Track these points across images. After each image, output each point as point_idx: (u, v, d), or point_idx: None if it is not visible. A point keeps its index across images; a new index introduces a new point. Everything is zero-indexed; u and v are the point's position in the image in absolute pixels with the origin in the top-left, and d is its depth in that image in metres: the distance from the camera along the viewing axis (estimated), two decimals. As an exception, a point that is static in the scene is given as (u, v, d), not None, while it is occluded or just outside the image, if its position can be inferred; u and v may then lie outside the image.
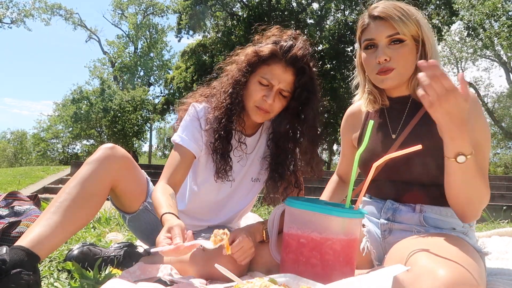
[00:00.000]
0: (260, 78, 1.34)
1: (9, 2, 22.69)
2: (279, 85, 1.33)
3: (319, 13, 18.93)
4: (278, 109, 1.37)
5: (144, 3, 27.27)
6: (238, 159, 1.47)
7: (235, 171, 1.48)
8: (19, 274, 1.00)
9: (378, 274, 0.88)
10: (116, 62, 26.86)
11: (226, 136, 1.38)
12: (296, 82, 1.34)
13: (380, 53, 1.20)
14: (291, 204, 1.10)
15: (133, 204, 1.43)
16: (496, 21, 14.10)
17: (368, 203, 1.40)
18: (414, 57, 1.21)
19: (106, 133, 20.25)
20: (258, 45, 1.39)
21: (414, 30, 1.19)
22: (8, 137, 28.30)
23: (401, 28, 1.18)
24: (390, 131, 1.32)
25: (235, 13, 19.30)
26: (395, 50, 1.20)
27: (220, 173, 1.41)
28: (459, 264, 0.93)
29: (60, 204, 1.19)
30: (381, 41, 1.21)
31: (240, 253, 1.20)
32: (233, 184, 1.49)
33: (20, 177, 8.86)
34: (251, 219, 2.69)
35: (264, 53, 1.33)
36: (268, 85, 1.33)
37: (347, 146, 1.54)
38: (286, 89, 1.34)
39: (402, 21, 1.18)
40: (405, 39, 1.19)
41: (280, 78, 1.32)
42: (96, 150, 1.33)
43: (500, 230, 2.30)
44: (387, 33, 1.20)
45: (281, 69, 1.33)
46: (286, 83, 1.33)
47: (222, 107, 1.38)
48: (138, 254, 1.45)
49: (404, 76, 1.23)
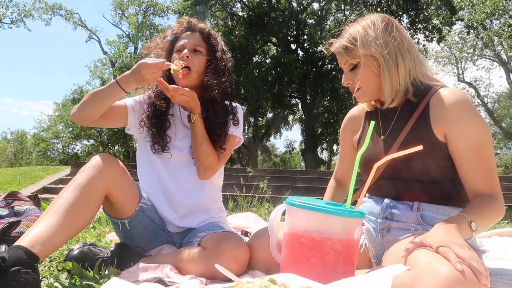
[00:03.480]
0: (175, 49, 1.57)
1: (9, 2, 22.69)
2: (190, 42, 1.54)
3: (319, 13, 18.94)
4: (197, 64, 1.53)
5: (145, 4, 27.27)
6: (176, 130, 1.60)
7: (176, 143, 1.59)
8: (19, 272, 1.00)
9: (378, 274, 0.88)
10: (116, 62, 26.88)
11: (160, 113, 1.56)
12: (205, 38, 1.57)
13: (343, 78, 1.36)
14: (291, 204, 1.10)
15: (128, 208, 1.45)
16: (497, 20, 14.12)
17: (367, 202, 1.40)
18: (374, 72, 1.29)
19: (106, 133, 20.26)
20: (164, 35, 1.64)
21: (361, 53, 1.27)
22: (8, 137, 28.32)
23: (345, 57, 1.31)
24: (381, 132, 1.36)
25: (235, 13, 19.31)
26: (354, 74, 1.32)
27: (156, 145, 1.55)
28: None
29: (57, 208, 1.21)
30: (343, 68, 1.36)
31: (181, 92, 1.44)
32: (173, 155, 1.57)
33: (20, 177, 8.87)
34: (251, 219, 2.70)
35: (174, 31, 1.59)
36: (182, 48, 1.55)
37: (347, 148, 1.55)
38: (197, 44, 1.55)
39: (346, 52, 1.30)
40: (356, 62, 1.30)
41: (188, 38, 1.56)
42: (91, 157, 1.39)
43: (500, 230, 2.30)
44: (342, 62, 1.35)
45: (188, 34, 1.57)
46: (195, 39, 1.56)
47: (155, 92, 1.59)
48: (138, 254, 1.45)
49: (373, 91, 1.32)
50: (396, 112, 1.34)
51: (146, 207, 1.50)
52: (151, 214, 1.53)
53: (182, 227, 1.58)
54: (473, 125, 1.18)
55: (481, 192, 1.17)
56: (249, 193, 4.32)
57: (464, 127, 1.18)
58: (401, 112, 1.32)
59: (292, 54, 17.74)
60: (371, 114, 1.44)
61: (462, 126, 1.19)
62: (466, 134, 1.18)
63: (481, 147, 1.17)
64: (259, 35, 18.29)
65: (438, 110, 1.23)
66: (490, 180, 1.17)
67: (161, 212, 1.57)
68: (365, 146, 1.15)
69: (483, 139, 1.18)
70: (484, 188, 1.17)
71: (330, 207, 1.06)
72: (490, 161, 1.19)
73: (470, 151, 1.18)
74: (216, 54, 1.57)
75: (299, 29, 18.93)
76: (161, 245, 1.55)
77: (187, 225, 1.58)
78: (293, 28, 19.03)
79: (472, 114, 1.20)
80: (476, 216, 1.08)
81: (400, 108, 1.33)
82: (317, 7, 19.27)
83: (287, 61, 16.73)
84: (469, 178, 1.19)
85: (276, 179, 8.07)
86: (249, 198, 4.10)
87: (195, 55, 1.53)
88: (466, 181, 1.20)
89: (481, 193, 1.17)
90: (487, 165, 1.18)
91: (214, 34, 1.61)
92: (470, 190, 1.19)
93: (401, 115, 1.32)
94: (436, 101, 1.24)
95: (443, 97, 1.23)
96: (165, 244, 1.56)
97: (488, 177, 1.17)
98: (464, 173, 1.20)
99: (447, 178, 1.24)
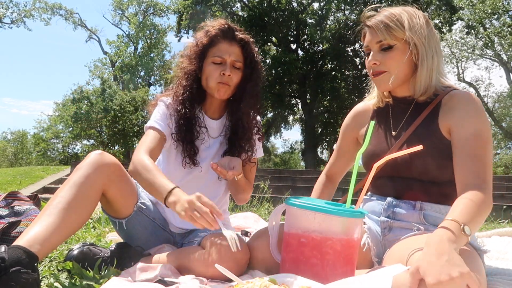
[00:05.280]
0: (212, 59, 1.49)
1: (9, 2, 22.68)
2: (231, 57, 1.49)
3: (319, 13, 18.92)
4: (236, 80, 1.51)
5: (145, 3, 27.25)
6: (202, 142, 1.57)
7: (202, 156, 1.56)
8: (19, 272, 1.00)
9: (378, 274, 0.88)
10: (117, 62, 26.86)
11: (187, 125, 1.51)
12: (244, 52, 1.52)
13: (371, 57, 1.30)
14: (292, 204, 1.10)
15: (126, 207, 1.44)
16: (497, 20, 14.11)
17: (369, 200, 1.40)
18: (407, 59, 1.26)
19: (106, 133, 20.24)
20: (197, 36, 1.55)
21: (402, 35, 1.24)
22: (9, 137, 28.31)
23: (385, 36, 1.25)
24: (392, 128, 1.35)
25: (235, 13, 19.30)
26: (385, 55, 1.27)
27: (186, 158, 1.52)
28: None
29: (54, 207, 1.20)
30: (373, 47, 1.30)
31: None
32: (203, 169, 1.55)
33: (20, 177, 8.87)
34: (251, 219, 2.69)
35: (211, 34, 1.50)
36: (221, 61, 1.49)
37: (347, 144, 1.54)
38: (237, 60, 1.50)
39: (387, 29, 1.25)
40: (393, 44, 1.26)
41: (229, 51, 1.49)
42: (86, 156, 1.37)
43: (500, 230, 2.31)
44: (376, 39, 1.28)
45: (227, 44, 1.50)
46: (235, 54, 1.50)
47: (180, 99, 1.52)
48: (138, 253, 1.45)
49: (398, 78, 1.28)
50: (409, 109, 1.34)
51: (145, 207, 1.49)
52: (150, 213, 1.52)
53: (186, 228, 1.58)
54: (476, 117, 1.20)
55: (471, 183, 1.12)
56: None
57: (467, 117, 1.20)
58: (414, 108, 1.33)
59: (292, 54, 17.73)
60: (380, 111, 1.43)
61: (466, 116, 1.20)
62: (468, 123, 1.19)
63: (480, 138, 1.17)
64: (259, 35, 18.27)
65: (447, 108, 1.25)
66: (483, 171, 1.14)
67: (168, 213, 1.57)
68: (365, 146, 1.16)
69: (483, 130, 1.18)
70: (474, 179, 1.13)
71: (330, 207, 1.06)
72: (487, 154, 1.17)
73: (469, 139, 1.17)
74: (253, 68, 1.54)
75: (299, 29, 18.91)
76: (161, 244, 1.54)
77: (191, 227, 1.57)
78: (293, 28, 19.02)
79: (477, 109, 1.21)
80: (467, 217, 1.02)
81: (413, 105, 1.33)
82: (317, 7, 19.25)
83: (287, 61, 16.72)
84: (463, 166, 1.16)
85: (276, 179, 8.06)
86: (249, 198, 4.10)
87: (233, 72, 1.50)
88: (458, 170, 1.17)
89: (470, 184, 1.12)
90: (483, 157, 1.15)
91: (252, 45, 1.56)
92: (460, 182, 1.15)
93: (413, 111, 1.33)
94: (447, 100, 1.27)
95: (454, 96, 1.26)
96: (166, 243, 1.56)
97: (482, 167, 1.14)
98: (458, 161, 1.18)
99: (447, 178, 1.24)
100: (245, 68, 1.53)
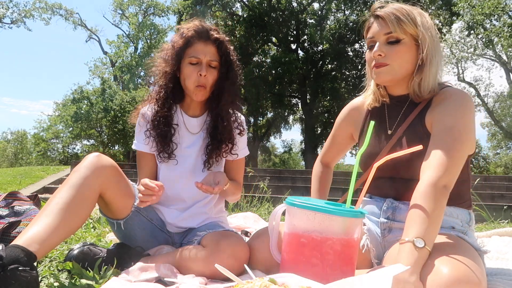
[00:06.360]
0: (188, 59, 1.51)
1: (9, 2, 22.67)
2: (206, 57, 1.50)
3: (319, 13, 18.94)
4: (212, 80, 1.52)
5: (145, 4, 27.26)
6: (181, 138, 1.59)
7: (186, 153, 1.59)
8: (17, 270, 1.00)
9: (378, 274, 0.88)
10: (117, 61, 26.85)
11: (163, 122, 1.55)
12: (219, 51, 1.53)
13: (376, 48, 1.26)
14: (292, 204, 1.10)
15: (123, 208, 1.45)
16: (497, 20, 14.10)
17: (368, 202, 1.40)
18: (412, 56, 1.25)
19: (106, 133, 20.24)
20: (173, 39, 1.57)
21: (413, 30, 1.22)
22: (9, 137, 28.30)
23: (395, 28, 1.22)
24: (387, 127, 1.35)
25: (235, 13, 19.30)
26: (391, 48, 1.24)
27: (161, 153, 1.55)
28: (461, 262, 0.93)
29: (52, 207, 1.21)
30: (379, 38, 1.26)
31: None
32: (179, 162, 1.58)
33: (20, 177, 8.87)
34: (251, 219, 2.69)
35: (187, 35, 1.51)
36: (197, 61, 1.50)
37: (342, 136, 1.56)
38: (213, 59, 1.51)
39: (398, 22, 1.22)
40: (401, 38, 1.23)
41: (204, 51, 1.51)
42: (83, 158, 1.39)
43: (500, 230, 2.30)
44: (385, 31, 1.24)
45: (202, 44, 1.52)
46: (211, 54, 1.52)
47: (158, 98, 1.56)
48: (138, 254, 1.45)
49: (399, 73, 1.26)
50: (402, 108, 1.33)
51: (142, 208, 1.49)
52: (148, 214, 1.53)
53: (183, 227, 1.58)
54: (455, 112, 1.18)
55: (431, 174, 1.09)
56: (249, 193, 4.32)
57: (446, 112, 1.18)
58: (408, 107, 1.32)
59: (292, 54, 17.74)
60: (375, 111, 1.41)
61: (445, 110, 1.19)
62: (446, 116, 1.18)
63: (453, 132, 1.14)
64: (259, 35, 18.28)
65: (435, 104, 1.25)
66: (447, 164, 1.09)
67: (164, 214, 1.57)
68: (364, 146, 1.15)
69: (460, 125, 1.15)
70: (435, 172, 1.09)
71: (330, 207, 1.06)
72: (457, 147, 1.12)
73: (443, 132, 1.15)
74: (228, 66, 1.55)
75: (299, 29, 18.92)
76: (160, 245, 1.54)
77: (188, 225, 1.58)
78: (293, 28, 19.02)
79: (460, 105, 1.19)
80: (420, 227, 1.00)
81: (407, 104, 1.32)
82: (317, 7, 19.27)
83: (287, 61, 16.73)
84: (428, 157, 1.13)
85: (276, 179, 8.05)
86: (249, 198, 4.10)
87: (209, 71, 1.51)
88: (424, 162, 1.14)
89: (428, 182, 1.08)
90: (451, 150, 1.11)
91: (227, 44, 1.57)
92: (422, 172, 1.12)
93: (407, 110, 1.32)
94: (437, 97, 1.26)
95: (442, 93, 1.25)
96: (164, 244, 1.56)
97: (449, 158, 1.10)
98: (427, 152, 1.15)
99: None
100: (221, 67, 1.54)
